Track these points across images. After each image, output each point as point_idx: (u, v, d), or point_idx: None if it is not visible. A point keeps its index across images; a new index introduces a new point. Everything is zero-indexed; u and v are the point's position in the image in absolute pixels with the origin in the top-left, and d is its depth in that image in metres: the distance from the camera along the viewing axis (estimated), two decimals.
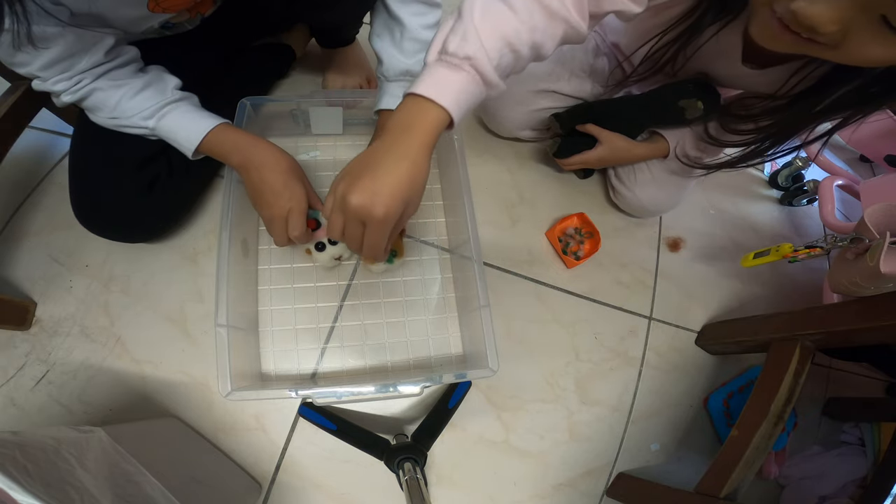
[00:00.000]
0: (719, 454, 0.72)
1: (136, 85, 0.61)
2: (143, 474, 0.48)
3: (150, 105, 0.62)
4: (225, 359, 0.61)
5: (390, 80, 0.73)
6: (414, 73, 0.71)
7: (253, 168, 0.65)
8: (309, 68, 0.99)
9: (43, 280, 0.77)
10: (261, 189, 0.66)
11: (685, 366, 0.93)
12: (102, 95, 0.60)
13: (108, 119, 0.63)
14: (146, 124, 0.62)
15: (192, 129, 0.64)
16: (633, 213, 0.99)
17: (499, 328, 0.85)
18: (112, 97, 0.60)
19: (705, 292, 1.00)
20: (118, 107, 0.61)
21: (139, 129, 0.63)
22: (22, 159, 0.82)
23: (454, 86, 0.46)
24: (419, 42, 0.70)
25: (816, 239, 0.69)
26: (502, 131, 0.98)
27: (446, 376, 0.67)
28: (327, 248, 0.76)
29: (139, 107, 0.61)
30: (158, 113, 0.62)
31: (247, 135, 0.67)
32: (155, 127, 0.63)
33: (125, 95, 0.61)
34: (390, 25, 0.71)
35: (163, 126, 0.63)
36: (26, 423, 0.70)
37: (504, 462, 0.80)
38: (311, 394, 0.64)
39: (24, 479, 0.35)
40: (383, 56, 0.72)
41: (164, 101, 0.62)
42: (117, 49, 0.60)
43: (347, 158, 0.90)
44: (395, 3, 0.68)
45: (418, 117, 0.46)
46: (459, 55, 0.46)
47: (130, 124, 0.63)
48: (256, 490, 0.71)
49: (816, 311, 0.75)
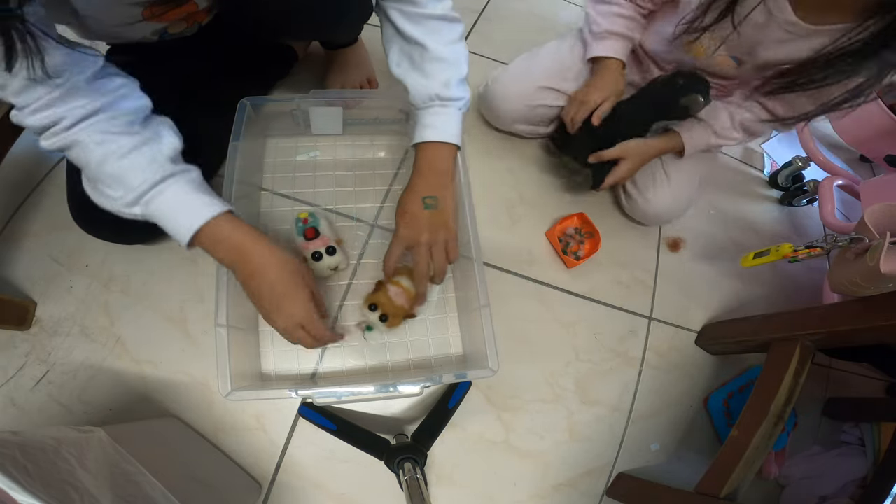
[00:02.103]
0: (719, 454, 0.72)
1: (125, 144, 0.52)
2: (143, 474, 0.48)
3: (137, 182, 0.52)
4: (225, 359, 0.61)
5: (419, 108, 0.69)
6: (443, 97, 0.67)
7: (249, 274, 0.57)
8: (310, 68, 0.99)
9: (43, 280, 0.77)
10: (259, 299, 0.58)
11: (685, 366, 0.93)
12: (83, 151, 0.51)
13: (95, 187, 0.54)
14: (132, 211, 0.53)
15: (187, 217, 0.54)
16: (644, 221, 0.99)
17: (499, 328, 0.85)
18: (94, 153, 0.51)
19: (705, 292, 1.00)
20: (102, 168, 0.52)
21: (127, 215, 0.54)
22: (22, 159, 0.82)
23: None
24: (443, 62, 0.65)
25: (816, 239, 0.69)
26: (499, 123, 0.98)
27: (446, 376, 0.67)
28: (324, 258, 0.76)
29: (128, 181, 0.52)
30: (148, 194, 0.53)
31: (244, 233, 0.57)
32: (143, 213, 0.54)
33: (112, 155, 0.51)
34: (407, 50, 0.67)
35: (154, 212, 0.54)
36: (26, 423, 0.70)
37: (504, 462, 0.80)
38: (311, 394, 0.64)
39: (24, 479, 0.35)
40: (407, 83, 0.68)
41: (156, 178, 0.53)
42: (109, 84, 0.52)
43: (347, 158, 0.91)
44: (406, 25, 0.64)
45: None
46: None
47: (113, 207, 0.54)
48: (256, 490, 0.71)
49: (816, 311, 0.76)
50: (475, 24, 1.17)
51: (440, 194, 0.68)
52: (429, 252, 0.68)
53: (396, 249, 0.68)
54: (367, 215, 0.88)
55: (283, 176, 0.88)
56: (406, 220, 0.68)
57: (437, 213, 0.68)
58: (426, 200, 0.67)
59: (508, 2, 1.24)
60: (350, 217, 0.87)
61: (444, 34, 0.65)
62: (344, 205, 0.87)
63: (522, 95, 0.90)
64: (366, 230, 0.87)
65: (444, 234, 0.68)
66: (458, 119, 0.69)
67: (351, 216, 0.87)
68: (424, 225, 0.67)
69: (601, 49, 0.83)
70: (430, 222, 0.67)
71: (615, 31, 0.82)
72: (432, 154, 0.69)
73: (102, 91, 0.52)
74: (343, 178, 0.89)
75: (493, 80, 0.95)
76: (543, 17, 1.25)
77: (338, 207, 0.87)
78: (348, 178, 0.90)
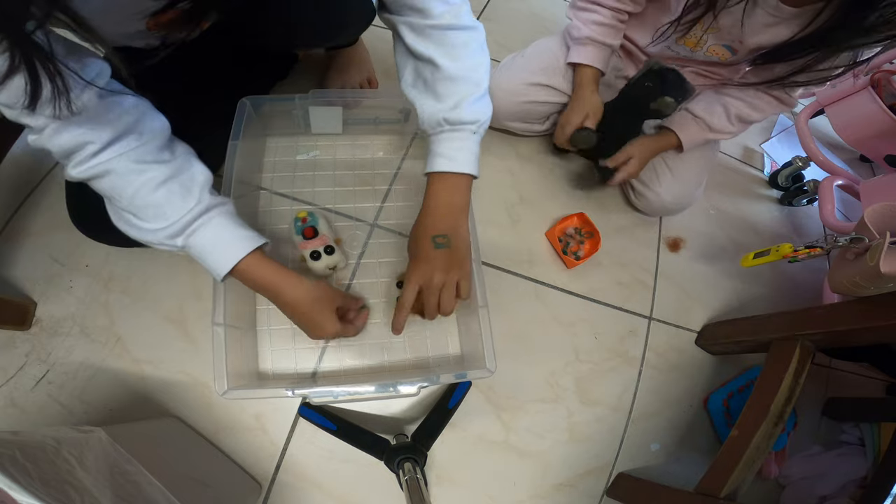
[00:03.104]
0: (719, 454, 0.72)
1: (159, 175, 0.52)
2: (143, 474, 0.48)
3: (175, 215, 0.53)
4: (221, 357, 0.61)
5: (429, 134, 0.65)
6: (452, 121, 0.62)
7: (282, 305, 0.63)
8: (310, 68, 0.99)
9: (43, 280, 0.77)
10: (295, 321, 0.65)
11: (685, 366, 0.93)
12: (119, 181, 0.51)
13: (123, 217, 0.54)
14: (173, 243, 0.54)
15: (223, 254, 0.57)
16: (652, 213, 1.00)
17: (499, 328, 0.85)
18: (130, 185, 0.51)
19: (705, 292, 1.00)
20: (135, 200, 0.52)
21: (163, 245, 0.55)
22: (22, 159, 0.82)
23: None
24: (456, 81, 0.60)
25: (816, 239, 0.69)
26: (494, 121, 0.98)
27: (446, 376, 0.67)
28: (322, 258, 0.76)
29: (163, 212, 0.53)
30: (190, 227, 0.54)
31: (272, 269, 0.60)
32: (184, 245, 0.55)
33: (145, 186, 0.51)
34: (419, 68, 0.63)
35: (193, 244, 0.55)
36: (26, 423, 0.70)
37: (504, 462, 0.80)
38: (307, 393, 0.64)
39: (24, 479, 0.35)
40: (417, 105, 0.64)
41: (196, 212, 0.54)
42: (124, 102, 0.50)
43: (347, 158, 0.91)
44: (415, 41, 0.60)
45: None
46: None
47: (150, 239, 0.54)
48: (256, 490, 0.71)
49: (816, 311, 0.75)
50: None
51: (452, 232, 0.64)
52: (438, 293, 0.65)
53: (410, 295, 0.65)
54: (366, 215, 0.88)
55: (282, 175, 0.88)
56: (417, 263, 0.65)
57: (450, 252, 0.64)
58: (437, 240, 0.64)
59: (508, 2, 1.24)
60: (349, 217, 0.87)
61: (457, 47, 0.60)
62: (343, 204, 0.87)
63: (513, 92, 0.90)
64: (365, 230, 0.87)
65: (456, 274, 0.65)
66: (473, 144, 0.64)
67: (350, 216, 0.87)
68: (437, 266, 0.64)
69: (580, 56, 0.85)
70: (442, 262, 0.64)
71: (594, 38, 0.83)
72: (443, 186, 0.64)
73: (119, 111, 0.50)
74: (342, 178, 0.89)
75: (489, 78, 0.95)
76: (543, 17, 1.25)
77: (337, 207, 0.87)
78: (348, 177, 0.90)
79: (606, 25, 0.83)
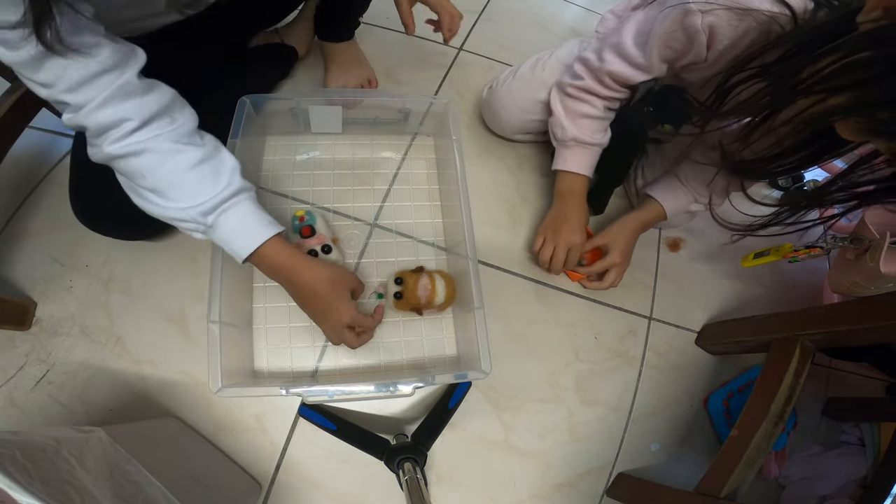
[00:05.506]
0: (719, 454, 0.72)
1: (193, 156, 0.54)
2: (143, 474, 0.48)
3: (206, 195, 0.55)
4: (216, 355, 0.61)
5: None
6: None
7: (300, 287, 0.64)
8: (310, 68, 0.99)
9: (43, 280, 0.77)
10: (308, 308, 0.66)
11: (685, 366, 0.93)
12: (155, 159, 0.52)
13: (146, 197, 0.55)
14: (205, 220, 0.56)
15: (248, 237, 0.58)
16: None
17: (499, 328, 0.85)
18: (165, 164, 0.53)
19: (705, 292, 1.00)
20: (167, 179, 0.53)
21: (190, 222, 0.56)
22: (22, 159, 0.82)
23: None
24: None
25: (816, 239, 0.69)
26: (501, 132, 0.98)
27: (445, 377, 0.67)
28: (320, 256, 0.76)
29: (193, 192, 0.54)
30: (220, 207, 0.56)
31: (290, 252, 0.62)
32: (213, 224, 0.56)
33: (180, 165, 0.53)
34: None
35: (221, 224, 0.57)
36: (26, 423, 0.70)
37: (504, 462, 0.80)
38: (301, 392, 0.64)
39: (24, 479, 0.35)
40: None
41: (226, 193, 0.56)
42: (157, 86, 0.53)
43: (346, 158, 0.91)
44: None
45: None
46: None
47: (180, 216, 0.55)
48: (256, 490, 0.71)
49: (816, 311, 0.75)
50: (475, 25, 1.17)
51: None
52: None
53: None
54: (365, 215, 0.88)
55: (281, 174, 0.88)
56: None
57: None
58: None
59: (508, 2, 1.24)
60: (349, 216, 0.87)
61: None
62: (343, 204, 0.87)
63: (524, 110, 0.89)
64: (364, 230, 0.87)
65: None
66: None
67: (350, 215, 0.87)
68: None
69: (566, 161, 0.80)
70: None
71: (581, 140, 0.77)
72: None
73: (157, 93, 0.53)
74: (342, 178, 0.89)
75: (500, 84, 0.93)
76: (543, 17, 1.25)
77: (336, 206, 0.87)
78: (347, 177, 0.90)
79: (597, 119, 0.76)
